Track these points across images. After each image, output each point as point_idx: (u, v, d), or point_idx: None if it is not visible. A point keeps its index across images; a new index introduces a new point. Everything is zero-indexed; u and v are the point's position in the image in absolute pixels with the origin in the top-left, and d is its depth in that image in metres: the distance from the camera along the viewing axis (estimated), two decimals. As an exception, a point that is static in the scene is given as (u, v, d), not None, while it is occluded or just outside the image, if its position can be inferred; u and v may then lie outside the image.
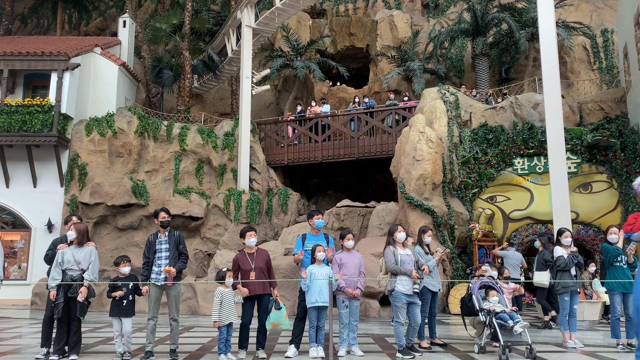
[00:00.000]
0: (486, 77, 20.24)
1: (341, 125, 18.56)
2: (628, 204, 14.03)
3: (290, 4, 18.79)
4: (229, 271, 6.92)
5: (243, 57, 18.50)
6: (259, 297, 6.99)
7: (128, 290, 6.89)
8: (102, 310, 13.83)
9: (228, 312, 6.70)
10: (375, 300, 12.50)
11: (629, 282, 7.60)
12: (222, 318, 6.65)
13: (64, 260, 6.82)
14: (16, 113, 16.52)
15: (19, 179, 17.13)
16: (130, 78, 20.40)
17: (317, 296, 6.86)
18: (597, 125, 14.89)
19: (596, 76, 20.27)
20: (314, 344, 6.90)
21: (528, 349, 6.77)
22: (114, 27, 26.19)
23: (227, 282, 6.81)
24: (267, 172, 18.16)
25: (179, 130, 17.97)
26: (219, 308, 6.66)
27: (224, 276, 6.82)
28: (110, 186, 16.40)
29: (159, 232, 7.11)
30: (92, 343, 8.31)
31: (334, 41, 24.90)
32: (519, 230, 14.58)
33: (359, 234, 16.05)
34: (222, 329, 6.66)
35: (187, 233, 16.84)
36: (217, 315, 6.64)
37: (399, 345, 6.91)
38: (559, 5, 21.07)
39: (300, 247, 7.41)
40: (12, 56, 17.07)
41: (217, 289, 6.83)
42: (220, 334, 6.67)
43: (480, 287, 7.52)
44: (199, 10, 24.44)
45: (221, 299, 6.70)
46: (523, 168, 14.96)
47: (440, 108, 15.51)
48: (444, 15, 24.45)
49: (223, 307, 6.68)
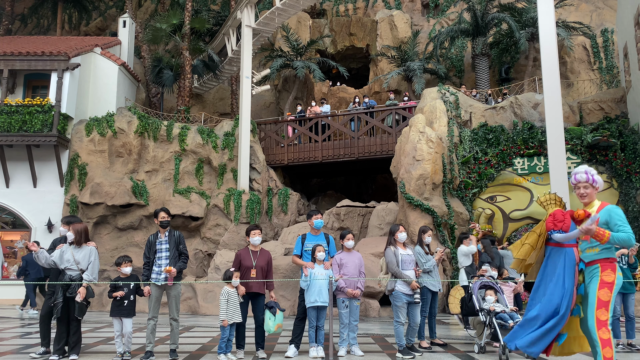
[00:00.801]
0: (486, 77, 20.24)
1: (341, 125, 18.57)
2: (628, 204, 14.03)
3: (290, 4, 18.79)
4: (236, 271, 6.93)
5: (243, 57, 18.50)
6: (255, 297, 7.00)
7: (129, 291, 6.89)
8: (102, 310, 13.84)
9: (233, 312, 6.72)
10: (375, 300, 12.51)
11: (629, 282, 7.60)
12: (228, 317, 6.67)
13: (64, 260, 6.82)
14: (16, 113, 16.52)
15: (19, 179, 17.13)
16: (130, 78, 20.40)
17: (316, 296, 6.87)
18: (597, 125, 14.90)
19: (596, 76, 20.26)
20: (313, 343, 6.90)
21: (528, 349, 6.77)
22: (114, 27, 26.19)
23: (233, 282, 6.82)
24: (267, 172, 18.16)
25: (179, 130, 17.97)
26: (225, 307, 6.68)
27: (231, 276, 6.85)
28: (110, 186, 16.40)
29: (159, 232, 7.11)
30: (92, 343, 8.31)
31: (334, 41, 24.90)
32: (519, 230, 14.58)
33: (359, 234, 16.05)
34: (226, 329, 6.68)
35: (187, 233, 16.84)
36: (224, 314, 6.66)
37: (399, 345, 6.91)
38: (559, 5, 21.07)
39: (300, 248, 7.42)
40: (12, 56, 17.07)
41: (223, 288, 6.85)
42: (223, 333, 6.68)
43: (480, 287, 7.53)
44: (199, 10, 24.44)
45: (227, 298, 6.72)
46: (523, 168, 14.96)
47: (440, 108, 15.51)
48: (444, 15, 24.45)
49: (229, 306, 6.69)
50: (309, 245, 7.37)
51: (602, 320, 4.45)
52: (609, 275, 4.55)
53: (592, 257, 4.66)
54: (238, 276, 6.90)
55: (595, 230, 4.43)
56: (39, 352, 6.91)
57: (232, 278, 6.83)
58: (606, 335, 4.41)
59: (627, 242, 4.43)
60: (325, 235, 7.57)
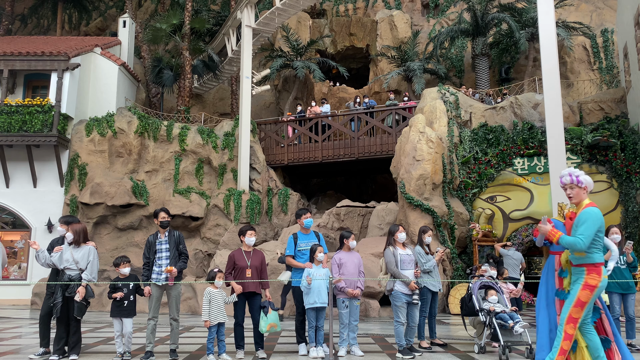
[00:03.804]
0: (486, 77, 20.24)
1: (341, 125, 18.57)
2: (628, 204, 14.03)
3: (290, 4, 18.79)
4: (219, 272, 6.96)
5: (243, 57, 18.50)
6: (251, 296, 7.01)
7: (129, 291, 6.88)
8: (102, 310, 13.83)
9: (217, 312, 6.74)
10: (375, 300, 12.50)
11: (626, 283, 7.59)
12: (211, 318, 6.69)
13: (63, 260, 6.82)
14: (16, 113, 16.52)
15: (19, 179, 17.13)
16: (130, 78, 20.40)
17: (315, 297, 6.88)
18: (597, 125, 14.89)
19: (596, 76, 20.26)
20: (313, 344, 6.91)
21: (528, 349, 6.77)
22: (114, 27, 26.18)
23: (216, 282, 6.84)
24: (267, 172, 18.16)
25: (179, 130, 17.97)
26: (208, 308, 6.72)
27: (214, 276, 6.89)
28: (110, 186, 16.40)
29: (159, 232, 7.11)
30: (92, 343, 8.31)
31: (334, 41, 24.89)
32: (519, 230, 14.58)
33: (359, 234, 16.04)
34: (211, 329, 6.71)
35: (187, 233, 16.83)
36: (207, 314, 6.70)
37: (399, 345, 6.91)
38: (559, 5, 21.06)
39: (293, 248, 7.43)
40: (12, 56, 17.07)
41: (206, 289, 6.88)
42: (209, 334, 6.72)
43: (480, 287, 7.53)
44: (199, 10, 24.43)
45: (210, 299, 6.75)
46: (523, 168, 14.96)
47: (440, 108, 15.51)
48: (444, 15, 24.45)
49: (212, 306, 6.72)
50: (302, 244, 7.38)
51: (574, 318, 4.74)
52: (593, 279, 4.76)
53: (579, 260, 4.87)
54: (221, 277, 6.93)
55: (547, 229, 4.84)
56: (38, 352, 6.91)
57: (215, 279, 6.85)
58: (571, 331, 4.72)
59: (572, 245, 4.72)
60: (316, 233, 7.62)
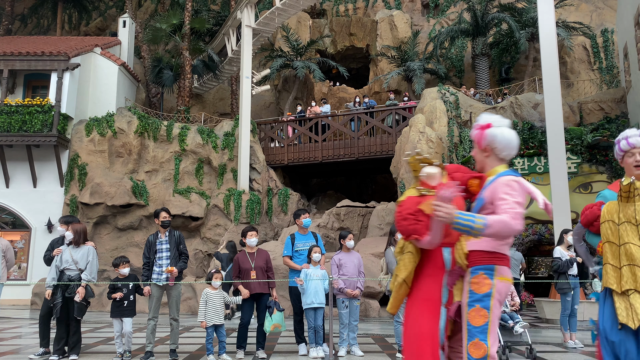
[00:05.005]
0: (486, 77, 20.23)
1: (341, 125, 18.56)
2: (628, 204, 14.00)
3: (290, 4, 18.79)
4: (217, 273, 6.94)
5: (243, 57, 18.50)
6: (258, 297, 6.99)
7: (129, 291, 6.88)
8: (102, 310, 13.83)
9: (213, 313, 6.72)
10: (375, 300, 12.50)
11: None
12: (207, 319, 6.69)
13: (62, 260, 6.82)
14: (16, 113, 16.52)
15: (19, 179, 17.13)
16: (130, 78, 20.39)
17: (312, 297, 6.88)
18: (597, 125, 14.88)
19: (596, 76, 20.26)
20: (313, 344, 6.90)
21: (528, 349, 6.77)
22: (114, 27, 26.18)
23: (213, 283, 6.84)
24: (267, 172, 18.15)
25: (179, 130, 17.97)
26: (204, 308, 6.72)
27: (211, 277, 6.88)
28: (110, 186, 16.40)
29: (159, 232, 7.10)
30: (92, 343, 8.31)
31: (334, 41, 24.89)
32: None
33: (359, 234, 16.04)
34: (208, 330, 6.71)
35: (187, 233, 16.83)
36: (203, 315, 6.70)
37: (399, 345, 6.90)
38: (559, 5, 21.06)
39: (290, 248, 7.42)
40: (12, 56, 17.07)
41: (204, 290, 6.88)
42: (207, 334, 6.72)
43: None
44: (199, 10, 24.43)
45: (206, 300, 6.75)
46: (523, 168, 14.95)
47: (440, 108, 15.51)
48: (444, 15, 24.44)
49: (208, 307, 6.72)
50: (300, 245, 7.37)
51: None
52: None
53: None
54: (219, 277, 6.91)
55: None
56: (38, 352, 6.91)
57: (212, 279, 6.85)
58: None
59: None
60: (313, 233, 7.61)
